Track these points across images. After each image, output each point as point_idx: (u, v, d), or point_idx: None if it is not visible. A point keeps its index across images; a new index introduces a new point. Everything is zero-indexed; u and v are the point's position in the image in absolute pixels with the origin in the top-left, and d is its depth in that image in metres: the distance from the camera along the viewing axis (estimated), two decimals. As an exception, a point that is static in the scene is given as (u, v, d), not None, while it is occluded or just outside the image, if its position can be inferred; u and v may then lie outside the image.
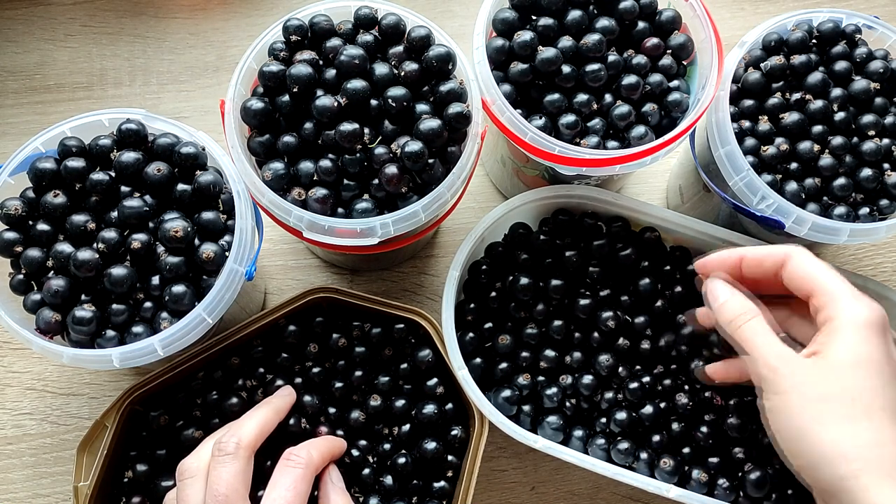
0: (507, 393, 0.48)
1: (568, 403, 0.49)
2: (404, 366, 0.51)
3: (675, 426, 0.48)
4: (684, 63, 0.51)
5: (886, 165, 0.49)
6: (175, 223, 0.43)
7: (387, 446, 0.49)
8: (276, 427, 0.45)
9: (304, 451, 0.42)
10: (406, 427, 0.50)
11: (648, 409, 0.48)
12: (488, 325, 0.50)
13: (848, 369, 0.36)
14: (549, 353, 0.49)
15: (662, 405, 0.49)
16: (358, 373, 0.50)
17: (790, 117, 0.49)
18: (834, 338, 0.37)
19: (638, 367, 0.50)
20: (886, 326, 0.37)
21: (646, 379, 0.49)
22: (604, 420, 0.49)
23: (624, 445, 0.47)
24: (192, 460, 0.41)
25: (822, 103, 0.49)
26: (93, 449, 0.46)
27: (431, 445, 0.48)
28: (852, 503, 0.34)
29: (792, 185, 0.48)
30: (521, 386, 0.48)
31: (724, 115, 0.48)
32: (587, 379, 0.49)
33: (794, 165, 0.49)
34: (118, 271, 0.42)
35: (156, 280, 0.44)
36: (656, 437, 0.48)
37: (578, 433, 0.48)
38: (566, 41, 0.47)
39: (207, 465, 0.41)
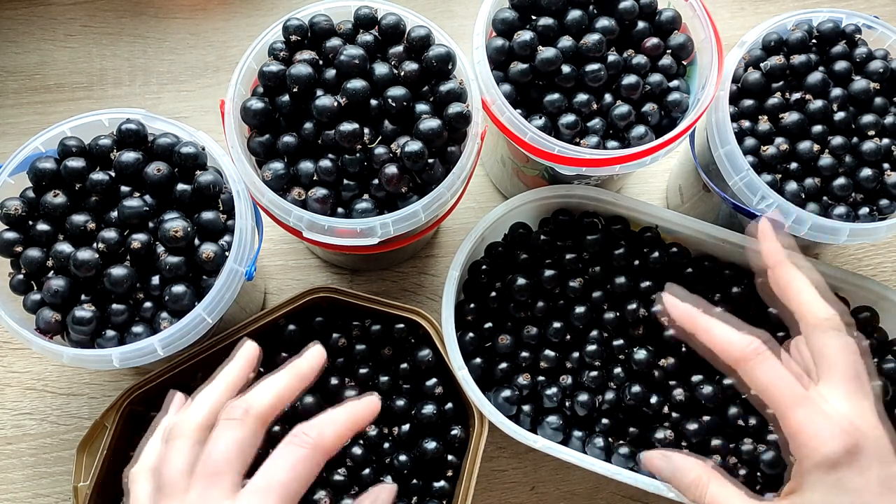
0: (507, 393, 0.48)
1: (568, 403, 0.49)
2: (404, 365, 0.51)
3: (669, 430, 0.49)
4: (684, 63, 0.51)
5: (886, 165, 0.49)
6: (175, 223, 0.43)
7: (386, 446, 0.49)
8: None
9: (315, 430, 0.35)
10: (406, 427, 0.50)
11: (652, 400, 0.48)
12: (488, 325, 0.50)
13: None
14: (549, 353, 0.49)
15: (665, 409, 0.49)
16: (361, 370, 0.50)
17: (790, 117, 0.49)
18: (805, 489, 0.33)
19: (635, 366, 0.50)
20: (854, 447, 0.33)
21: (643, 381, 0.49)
22: (604, 420, 0.49)
23: (625, 451, 0.47)
24: (184, 420, 0.35)
25: (822, 103, 0.49)
26: (93, 449, 0.46)
27: (431, 445, 0.48)
28: None
29: (792, 185, 0.48)
30: (521, 386, 0.48)
31: (724, 115, 0.48)
32: (584, 397, 0.49)
33: (793, 165, 0.49)
34: (118, 271, 0.42)
35: (156, 280, 0.44)
36: (659, 435, 0.48)
37: (578, 433, 0.48)
38: (566, 41, 0.47)
39: (201, 427, 0.35)
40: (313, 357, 0.38)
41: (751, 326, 0.37)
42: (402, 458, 0.48)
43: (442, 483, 0.49)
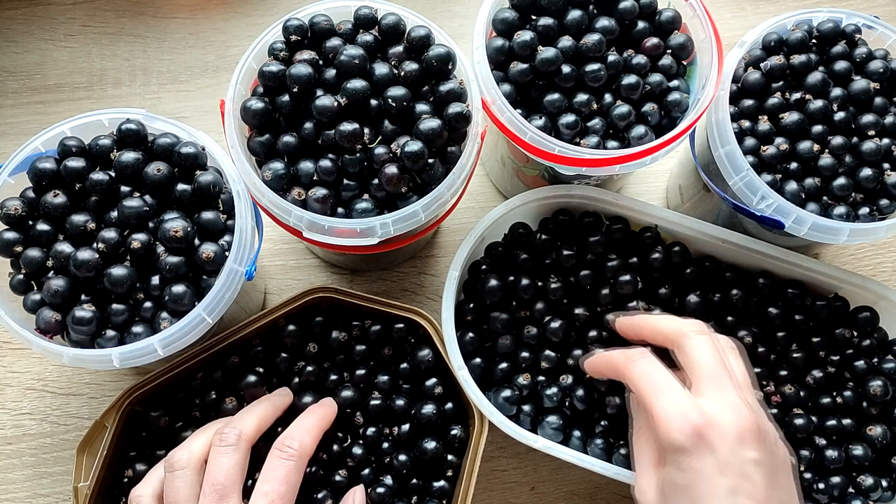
0: (507, 393, 0.48)
1: (568, 403, 0.49)
2: (404, 365, 0.51)
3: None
4: (684, 63, 0.51)
5: (886, 165, 0.49)
6: (175, 223, 0.43)
7: (386, 446, 0.49)
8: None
9: (297, 441, 0.43)
10: (406, 427, 0.50)
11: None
12: (488, 324, 0.50)
13: (670, 497, 0.38)
14: (549, 353, 0.49)
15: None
16: (358, 372, 0.50)
17: (790, 117, 0.49)
18: (663, 464, 0.39)
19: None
20: (700, 435, 0.37)
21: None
22: (604, 421, 0.49)
23: (625, 451, 0.47)
24: (183, 453, 0.42)
25: (822, 103, 0.49)
26: (93, 449, 0.46)
27: (431, 445, 0.48)
28: None
29: (792, 185, 0.48)
30: (521, 386, 0.48)
31: (724, 114, 0.48)
32: (582, 391, 0.49)
33: (793, 165, 0.49)
34: (118, 271, 0.42)
35: (156, 280, 0.44)
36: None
37: (578, 433, 0.48)
38: (566, 41, 0.47)
39: (198, 458, 0.41)
40: (284, 394, 0.47)
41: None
42: (402, 457, 0.48)
43: (442, 483, 0.49)
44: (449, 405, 0.50)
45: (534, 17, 0.49)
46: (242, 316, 0.52)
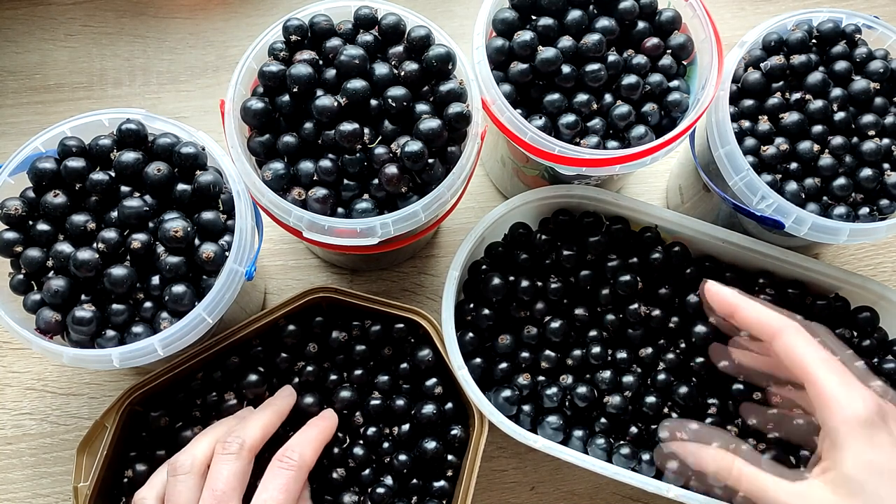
0: (507, 393, 0.48)
1: (568, 403, 0.49)
2: (404, 365, 0.51)
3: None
4: (684, 63, 0.51)
5: (886, 165, 0.49)
6: (175, 223, 0.43)
7: (386, 446, 0.49)
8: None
9: (297, 453, 0.43)
10: (406, 427, 0.50)
11: (650, 399, 0.48)
12: (488, 324, 0.50)
13: (866, 481, 0.35)
14: (549, 353, 0.49)
15: (665, 409, 0.49)
16: (357, 372, 0.50)
17: (790, 117, 0.49)
18: (840, 449, 0.36)
19: (639, 368, 0.50)
20: (883, 412, 0.36)
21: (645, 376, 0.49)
22: (604, 420, 0.49)
23: (625, 451, 0.47)
24: (186, 458, 0.42)
25: (822, 103, 0.49)
26: (93, 449, 0.46)
27: (431, 445, 0.48)
28: None
29: (792, 185, 0.48)
30: (521, 386, 0.48)
31: (724, 115, 0.48)
32: (583, 389, 0.49)
33: (794, 165, 0.49)
34: (118, 271, 0.42)
35: (156, 280, 0.44)
36: (663, 434, 0.48)
37: (578, 433, 0.48)
38: (566, 41, 0.47)
39: (201, 463, 0.42)
40: (288, 397, 0.47)
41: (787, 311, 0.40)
42: (402, 457, 0.48)
43: (442, 483, 0.49)
44: (449, 405, 0.50)
45: (534, 17, 0.49)
46: (242, 316, 0.52)
